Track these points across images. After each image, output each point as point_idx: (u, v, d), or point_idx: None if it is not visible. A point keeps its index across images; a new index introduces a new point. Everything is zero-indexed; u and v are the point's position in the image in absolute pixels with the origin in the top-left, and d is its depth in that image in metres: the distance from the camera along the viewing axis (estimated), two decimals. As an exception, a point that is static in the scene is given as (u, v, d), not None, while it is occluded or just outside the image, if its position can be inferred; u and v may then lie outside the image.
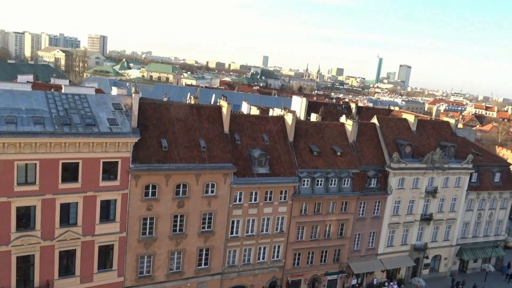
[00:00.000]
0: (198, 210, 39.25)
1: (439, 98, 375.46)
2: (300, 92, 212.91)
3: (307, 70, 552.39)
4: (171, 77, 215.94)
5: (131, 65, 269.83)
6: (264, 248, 43.96)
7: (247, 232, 42.47)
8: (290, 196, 43.60)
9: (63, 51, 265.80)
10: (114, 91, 39.86)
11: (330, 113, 59.54)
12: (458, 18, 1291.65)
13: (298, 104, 57.88)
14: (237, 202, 41.16)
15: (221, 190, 39.88)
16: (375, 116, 52.87)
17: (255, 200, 41.98)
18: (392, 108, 78.66)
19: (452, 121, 58.90)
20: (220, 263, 41.77)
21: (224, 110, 41.55)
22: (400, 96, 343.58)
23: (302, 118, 54.77)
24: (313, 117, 52.55)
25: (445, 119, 60.96)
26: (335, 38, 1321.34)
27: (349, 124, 49.03)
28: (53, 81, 52.70)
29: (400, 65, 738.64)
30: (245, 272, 43.34)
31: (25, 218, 32.56)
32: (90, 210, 34.68)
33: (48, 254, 33.68)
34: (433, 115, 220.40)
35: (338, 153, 46.94)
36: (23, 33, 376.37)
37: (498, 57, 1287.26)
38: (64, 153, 32.84)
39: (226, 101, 41.89)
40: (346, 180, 46.30)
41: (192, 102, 47.25)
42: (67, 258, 34.78)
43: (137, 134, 35.94)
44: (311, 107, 58.39)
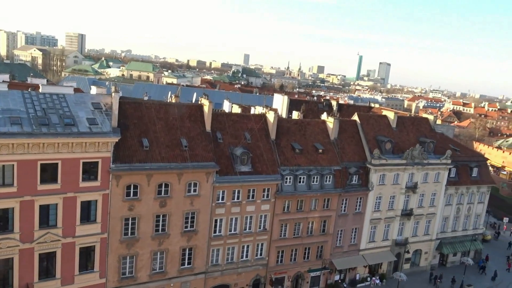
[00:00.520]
0: (181, 210, 39.02)
1: (418, 95, 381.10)
2: (282, 90, 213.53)
3: (288, 68, 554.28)
4: (152, 76, 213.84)
5: (111, 64, 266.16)
6: (248, 246, 43.99)
7: (230, 231, 42.42)
8: (273, 194, 43.71)
9: (40, 50, 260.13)
10: (94, 90, 39.31)
11: (312, 111, 59.85)
12: (435, 16, 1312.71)
13: (280, 102, 58.01)
14: (220, 201, 41.06)
15: (204, 189, 39.72)
16: (356, 113, 53.38)
17: (238, 199, 41.95)
18: (373, 105, 79.51)
19: (431, 118, 59.85)
20: (204, 262, 41.64)
21: (206, 109, 41.38)
22: (380, 93, 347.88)
23: (284, 116, 54.90)
24: (295, 115, 52.77)
25: (424, 116, 61.93)
26: (315, 35, 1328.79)
27: (331, 122, 49.38)
28: (30, 81, 51.59)
29: (380, 63, 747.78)
30: (229, 271, 43.32)
31: (3, 221, 31.85)
32: (70, 212, 34.12)
33: (28, 257, 33.02)
34: (413, 112, 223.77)
35: (320, 151, 47.25)
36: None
37: (475, 54, 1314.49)
38: (43, 154, 32.21)
39: (208, 100, 41.71)
40: (328, 177, 46.65)
41: (173, 101, 46.89)
42: (47, 261, 34.17)
43: (118, 134, 35.51)
44: (293, 105, 58.59)
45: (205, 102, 41.65)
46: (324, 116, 51.01)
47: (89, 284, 36.17)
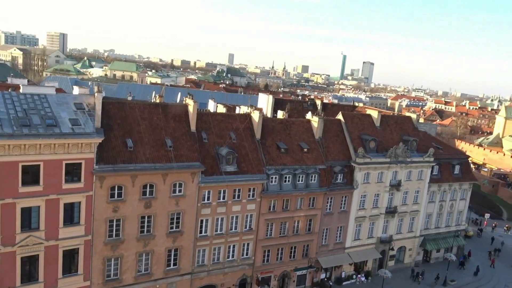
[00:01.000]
0: (166, 210, 38.76)
1: (401, 94, 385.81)
2: (267, 90, 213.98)
3: (273, 68, 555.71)
4: (135, 76, 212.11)
5: (93, 64, 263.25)
6: (234, 246, 43.92)
7: (216, 231, 42.29)
8: (259, 194, 43.72)
9: (21, 50, 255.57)
10: (76, 91, 38.74)
11: (297, 110, 60.06)
12: (415, 15, 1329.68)
13: (265, 102, 58.08)
14: (206, 201, 40.89)
15: (189, 190, 39.52)
16: (340, 113, 53.71)
17: (224, 199, 41.84)
18: (357, 104, 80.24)
19: (414, 116, 60.60)
20: (190, 263, 41.43)
21: (191, 109, 41.16)
22: (364, 93, 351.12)
23: (269, 116, 55.04)
24: (280, 114, 52.86)
25: (407, 114, 62.65)
26: (300, 35, 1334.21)
27: (315, 121, 49.60)
28: (11, 81, 50.60)
29: (364, 62, 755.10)
30: (215, 271, 43.18)
31: (-16, 224, 31.22)
32: (53, 214, 33.57)
33: (9, 261, 32.38)
34: (396, 111, 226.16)
35: (305, 150, 47.41)
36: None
37: (456, 53, 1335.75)
38: (24, 155, 31.63)
39: (192, 100, 41.49)
40: (313, 176, 46.84)
41: (158, 101, 46.52)
42: (30, 264, 33.56)
43: (101, 134, 35.08)
44: (278, 104, 58.74)
45: (190, 102, 41.43)
46: (309, 116, 51.21)
47: (73, 287, 35.65)
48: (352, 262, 52.60)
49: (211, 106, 56.27)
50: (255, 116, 45.33)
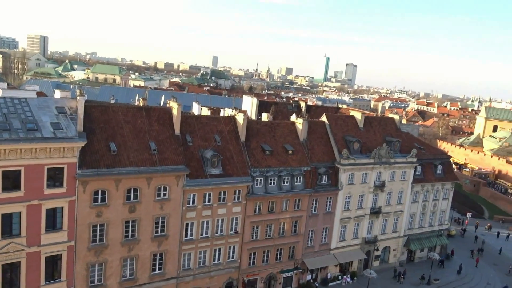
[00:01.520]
0: (151, 214, 38.38)
1: (384, 96, 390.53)
2: (251, 92, 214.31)
3: (257, 70, 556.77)
4: (118, 79, 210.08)
5: (75, 67, 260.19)
6: (219, 249, 43.73)
7: (202, 234, 42.06)
8: (244, 196, 43.65)
9: (0, 53, 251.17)
10: (57, 94, 38.13)
11: (281, 112, 60.25)
12: (396, 17, 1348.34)
13: (249, 104, 58.05)
14: (191, 204, 40.65)
15: (174, 193, 39.23)
16: (324, 114, 54.03)
17: (209, 202, 41.65)
18: (340, 106, 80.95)
19: (397, 117, 61.30)
20: (175, 267, 41.09)
21: (175, 112, 40.91)
22: (348, 94, 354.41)
23: (253, 118, 54.96)
24: (264, 117, 52.93)
25: (390, 116, 63.32)
26: (283, 37, 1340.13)
27: (300, 123, 49.78)
28: (-10, 85, 49.59)
29: (347, 64, 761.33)
30: (201, 275, 42.91)
31: (-38, 232, 30.50)
32: (35, 220, 32.94)
33: (-10, 269, 31.70)
34: (379, 112, 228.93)
35: (290, 152, 47.53)
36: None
37: (437, 55, 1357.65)
38: (4, 160, 31.00)
39: (176, 102, 41.24)
40: (298, 178, 46.97)
41: (141, 104, 46.14)
42: (11, 272, 32.84)
43: (84, 138, 34.60)
44: (262, 107, 58.80)
45: (174, 105, 41.16)
46: (293, 117, 51.39)
47: (56, 294, 35.11)
48: (338, 263, 52.87)
49: (195, 109, 56.03)
50: (240, 119, 45.28)
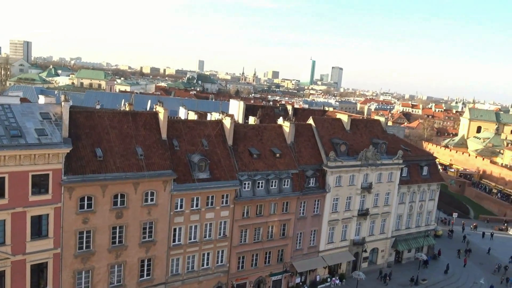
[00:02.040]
0: (138, 220, 38.08)
1: (370, 98, 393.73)
2: (237, 96, 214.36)
3: (243, 74, 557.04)
4: (104, 84, 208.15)
5: (59, 72, 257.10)
6: (208, 254, 43.54)
7: (190, 239, 41.84)
8: (232, 200, 43.57)
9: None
10: (42, 100, 37.69)
11: (268, 116, 60.36)
12: (379, 20, 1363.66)
13: (236, 108, 58.09)
14: (178, 209, 40.43)
15: (161, 198, 38.99)
16: (311, 117, 54.29)
17: (197, 206, 41.48)
18: (327, 109, 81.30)
19: (382, 120, 61.90)
20: (164, 273, 40.79)
21: (161, 116, 40.72)
22: (334, 97, 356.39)
23: (241, 122, 55.03)
24: (251, 120, 52.98)
25: (376, 118, 63.89)
26: (269, 41, 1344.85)
27: (287, 126, 49.93)
28: (-28, 91, 48.80)
29: (332, 67, 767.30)
30: (190, 280, 42.65)
31: None
32: (20, 227, 32.44)
33: (-27, 278, 31.11)
34: (365, 114, 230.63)
35: (277, 155, 47.62)
36: None
37: (421, 57, 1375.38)
38: (-12, 168, 30.53)
39: (163, 107, 41.07)
40: (286, 181, 47.06)
41: (127, 109, 45.82)
42: (-4, 281, 32.36)
43: (69, 144, 34.23)
44: (249, 110, 58.88)
45: (160, 110, 40.99)
46: (280, 121, 51.53)
47: (42, 303, 34.55)
48: (326, 265, 53.02)
49: (182, 113, 55.84)
50: (227, 123, 45.25)
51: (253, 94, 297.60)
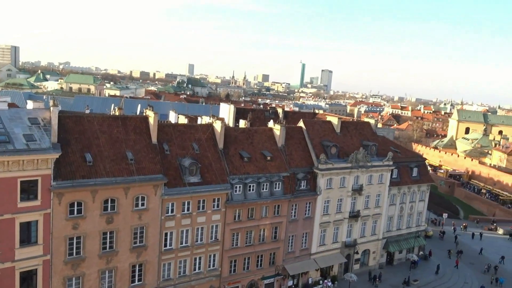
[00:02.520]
0: (129, 225, 37.81)
1: (360, 100, 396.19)
2: (228, 99, 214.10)
3: (234, 77, 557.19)
4: (93, 88, 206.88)
5: (48, 77, 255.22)
6: (200, 258, 43.37)
7: (182, 243, 41.64)
8: (223, 204, 43.47)
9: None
10: (30, 105, 37.36)
11: (258, 119, 60.41)
12: (368, 23, 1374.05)
13: (226, 111, 58.05)
14: (170, 214, 40.23)
15: (152, 202, 38.78)
16: (301, 120, 54.44)
17: (188, 210, 41.32)
18: (317, 112, 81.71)
19: (372, 122, 62.25)
20: (155, 278, 40.51)
21: (151, 120, 40.55)
22: (324, 100, 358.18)
23: (231, 125, 54.98)
24: (242, 124, 52.97)
25: (366, 120, 64.22)
26: (259, 44, 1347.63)
27: (277, 129, 50.01)
28: (-42, 97, 48.17)
29: (322, 70, 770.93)
30: (181, 284, 42.39)
31: None
32: (8, 234, 32.02)
33: (-39, 287, 30.65)
34: (355, 117, 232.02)
35: (268, 158, 47.65)
36: None
37: (409, 59, 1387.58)
38: (-25, 174, 30.14)
39: (153, 111, 40.91)
40: (277, 184, 47.10)
41: (117, 114, 45.55)
42: (-16, 289, 31.90)
43: (58, 150, 33.93)
44: (239, 114, 58.84)
45: (150, 114, 40.82)
46: (271, 124, 51.59)
47: (32, 310, 34.12)
48: (318, 268, 53.06)
49: (172, 117, 55.67)
50: (217, 126, 45.20)
51: (244, 98, 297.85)
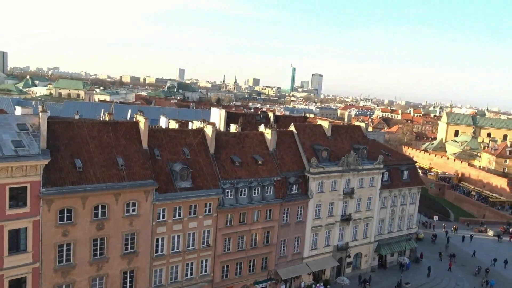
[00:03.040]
0: (120, 231, 37.49)
1: (350, 104, 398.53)
2: (219, 104, 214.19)
3: (224, 82, 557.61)
4: (83, 94, 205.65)
5: (37, 82, 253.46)
6: (192, 264, 43.11)
7: (173, 249, 41.38)
8: (215, 209, 43.31)
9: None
10: (19, 111, 36.99)
11: (249, 123, 60.37)
12: (358, 27, 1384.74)
13: (217, 116, 57.97)
14: (161, 219, 39.97)
15: (143, 208, 38.51)
16: (292, 124, 54.53)
17: (179, 216, 41.09)
18: (308, 115, 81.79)
19: (363, 125, 62.57)
20: (146, 284, 40.14)
21: (142, 125, 40.34)
22: (314, 104, 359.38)
23: (222, 130, 54.91)
24: (233, 128, 52.90)
25: (356, 123, 64.51)
26: (249, 48, 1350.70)
27: (268, 133, 50.03)
28: None
29: (313, 74, 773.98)
30: (173, 291, 42.12)
31: None
32: (-3, 242, 31.61)
33: None
34: (345, 120, 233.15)
35: (260, 162, 47.61)
36: None
37: (398, 63, 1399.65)
38: (-38, 182, 29.71)
39: (143, 116, 40.70)
40: (269, 188, 47.06)
41: (107, 119, 45.26)
42: (-28, 298, 31.39)
43: (47, 156, 33.59)
44: (230, 118, 58.79)
45: (141, 119, 40.61)
46: (262, 128, 51.60)
47: (21, 319, 33.63)
48: (311, 272, 53.03)
49: (163, 122, 55.44)
50: (208, 131, 45.10)
51: (234, 102, 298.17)
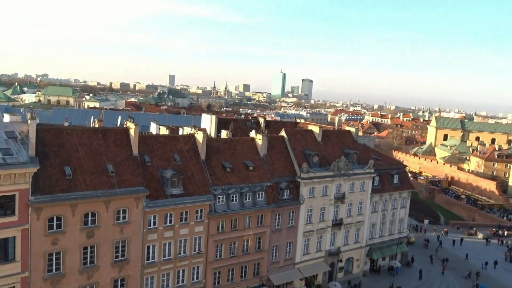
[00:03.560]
0: (110, 239, 37.13)
1: (340, 109, 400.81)
2: (209, 110, 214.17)
3: (215, 88, 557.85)
4: (72, 100, 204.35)
5: (25, 89, 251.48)
6: (183, 271, 42.81)
7: (164, 256, 41.07)
8: (206, 215, 43.14)
9: None
10: (7, 118, 36.57)
11: (240, 129, 60.41)
12: (346, 32, 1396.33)
13: (208, 122, 57.93)
14: (152, 226, 39.68)
15: (134, 215, 38.22)
16: (283, 129, 54.63)
17: (170, 222, 40.84)
18: (298, 121, 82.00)
19: (353, 130, 62.88)
20: (137, 292, 39.81)
21: (132, 132, 40.14)
22: (305, 109, 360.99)
23: (213, 136, 54.87)
24: (224, 134, 52.89)
25: (347, 128, 64.85)
26: (239, 54, 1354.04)
27: (259, 139, 50.06)
28: None
29: (303, 80, 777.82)
30: (165, 298, 41.76)
31: None
32: (-15, 252, 31.14)
33: None
34: (336, 125, 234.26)
35: (251, 168, 47.59)
36: None
37: (387, 68, 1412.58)
38: (-51, 191, 29.26)
39: (133, 123, 40.52)
40: (260, 194, 47.01)
41: (97, 126, 44.99)
42: (-41, 309, 30.83)
43: (36, 163, 33.24)
44: (221, 124, 58.78)
45: (131, 125, 40.40)
46: (253, 134, 51.62)
47: (10, 330, 33.07)
48: (303, 277, 52.96)
49: (153, 129, 55.26)
50: (199, 137, 45.02)
51: (225, 108, 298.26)
